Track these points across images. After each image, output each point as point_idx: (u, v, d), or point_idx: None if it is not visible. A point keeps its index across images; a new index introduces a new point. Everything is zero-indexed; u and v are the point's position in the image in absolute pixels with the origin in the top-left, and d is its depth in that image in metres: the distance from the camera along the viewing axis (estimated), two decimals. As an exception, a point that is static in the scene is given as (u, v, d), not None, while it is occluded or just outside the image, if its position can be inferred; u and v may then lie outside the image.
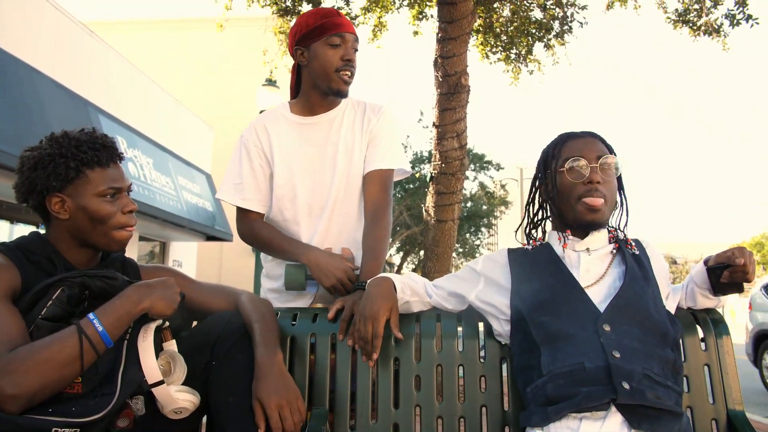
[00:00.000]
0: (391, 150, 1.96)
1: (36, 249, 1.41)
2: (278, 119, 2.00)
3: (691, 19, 6.31)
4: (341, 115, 1.98)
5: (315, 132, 1.96)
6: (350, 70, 1.88)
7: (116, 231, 1.45)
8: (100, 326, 1.24)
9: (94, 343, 1.23)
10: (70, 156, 1.40)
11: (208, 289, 1.64)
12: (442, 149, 5.31)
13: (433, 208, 5.38)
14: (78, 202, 1.41)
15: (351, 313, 1.61)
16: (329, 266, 1.75)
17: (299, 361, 1.62)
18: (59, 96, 7.47)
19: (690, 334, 1.60)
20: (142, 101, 10.33)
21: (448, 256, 5.47)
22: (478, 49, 7.28)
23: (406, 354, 1.62)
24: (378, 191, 1.92)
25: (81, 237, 1.44)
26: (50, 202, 1.40)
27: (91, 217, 1.41)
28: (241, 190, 1.97)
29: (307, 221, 1.94)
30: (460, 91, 5.28)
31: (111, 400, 1.24)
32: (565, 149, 1.56)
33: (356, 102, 2.03)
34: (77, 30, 8.48)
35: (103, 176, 1.43)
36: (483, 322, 1.66)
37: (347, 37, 1.87)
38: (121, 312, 1.28)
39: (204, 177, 12.24)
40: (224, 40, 10.85)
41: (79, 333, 1.22)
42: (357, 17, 6.90)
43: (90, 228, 1.42)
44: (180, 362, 1.40)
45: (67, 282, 1.32)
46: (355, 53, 1.91)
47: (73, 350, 1.20)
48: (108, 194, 1.43)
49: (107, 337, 1.25)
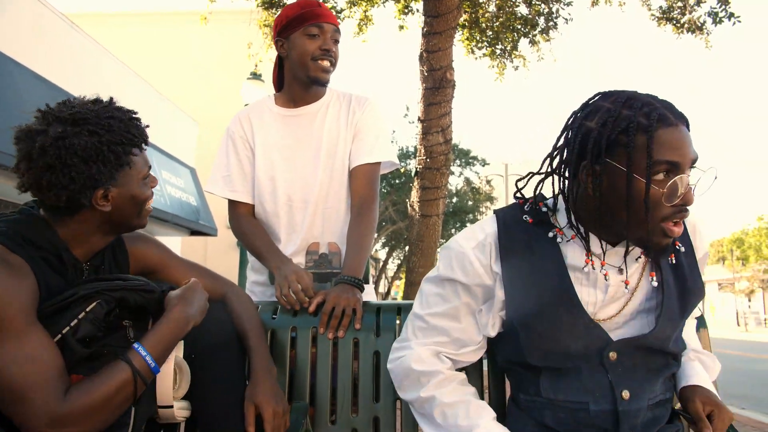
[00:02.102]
0: (377, 143, 1.94)
1: (43, 243, 1.21)
2: (263, 111, 1.99)
3: (674, 16, 6.37)
4: (325, 108, 1.96)
5: (298, 124, 1.94)
6: (328, 59, 1.86)
7: (146, 210, 1.36)
8: (153, 362, 1.17)
9: (145, 377, 1.16)
10: (120, 141, 1.25)
11: (192, 268, 1.56)
12: (427, 144, 5.32)
13: (417, 203, 5.38)
14: (126, 190, 1.27)
15: (332, 306, 1.60)
16: (288, 281, 1.65)
17: (279, 355, 1.60)
18: (39, 88, 7.36)
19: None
20: (125, 94, 10.20)
21: (433, 251, 5.48)
22: (464, 44, 7.29)
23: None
24: (364, 186, 1.90)
25: (120, 222, 1.31)
26: (96, 196, 1.23)
27: (136, 202, 1.31)
28: (229, 182, 1.96)
29: (287, 215, 1.92)
30: (445, 86, 5.28)
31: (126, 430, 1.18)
32: (657, 142, 1.08)
33: (341, 94, 2.01)
34: (58, 21, 8.36)
35: (143, 158, 1.33)
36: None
37: (326, 28, 1.86)
38: (170, 338, 1.21)
39: (188, 171, 12.13)
40: (209, 33, 10.76)
41: (134, 373, 1.14)
42: (343, 11, 6.88)
43: (134, 212, 1.32)
44: (186, 373, 1.34)
45: (105, 296, 1.19)
46: (336, 44, 1.89)
47: (128, 389, 1.13)
48: (146, 176, 1.34)
49: (156, 369, 1.18)
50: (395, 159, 2.01)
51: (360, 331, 1.61)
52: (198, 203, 11.90)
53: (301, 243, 1.90)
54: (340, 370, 1.59)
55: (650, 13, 6.62)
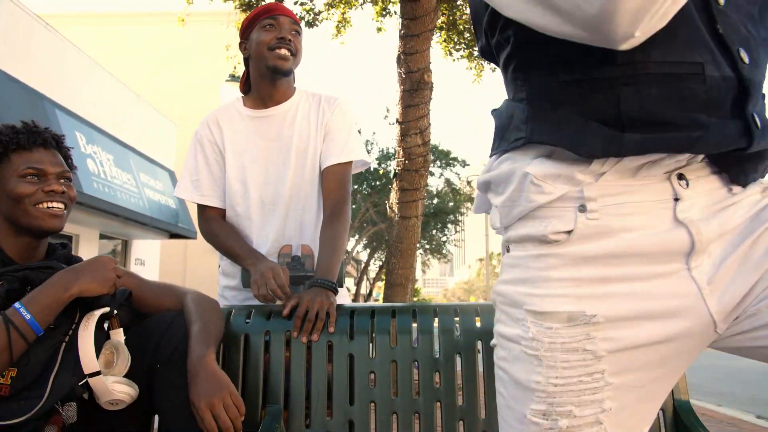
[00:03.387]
0: (348, 143, 1.94)
1: None
2: (231, 113, 1.98)
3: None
4: (295, 108, 1.96)
5: (267, 125, 1.94)
6: (285, 46, 1.86)
7: (34, 208, 1.39)
8: (28, 314, 1.21)
9: (23, 331, 1.20)
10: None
11: (156, 287, 1.59)
12: (406, 146, 5.34)
13: (397, 205, 5.40)
14: (3, 186, 1.39)
15: (306, 309, 1.60)
16: (265, 278, 1.65)
17: (253, 359, 1.60)
18: (13, 90, 7.25)
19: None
20: (102, 96, 10.09)
21: (413, 253, 5.50)
22: (441, 46, 7.33)
23: (362, 350, 1.62)
24: (336, 187, 1.91)
25: (12, 221, 1.40)
26: None
27: (10, 197, 1.38)
28: (198, 187, 1.95)
29: (259, 217, 1.92)
30: (423, 88, 5.31)
31: (37, 404, 1.20)
32: None
33: (311, 95, 2.01)
34: (32, 22, 8.24)
35: (24, 158, 1.41)
36: (438, 317, 1.67)
37: (281, 20, 1.89)
38: (49, 299, 1.25)
39: (167, 174, 12.04)
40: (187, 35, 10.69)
41: (6, 322, 1.19)
42: (320, 13, 6.88)
43: (13, 209, 1.39)
44: (124, 354, 1.36)
45: (7, 276, 1.29)
46: (296, 36, 1.90)
47: (0, 340, 1.17)
48: (29, 175, 1.40)
49: (36, 325, 1.22)
50: (366, 157, 2.01)
51: (334, 335, 1.61)
52: (177, 206, 11.80)
53: (272, 245, 1.89)
54: (314, 373, 1.59)
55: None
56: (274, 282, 1.63)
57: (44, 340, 1.27)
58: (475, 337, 1.64)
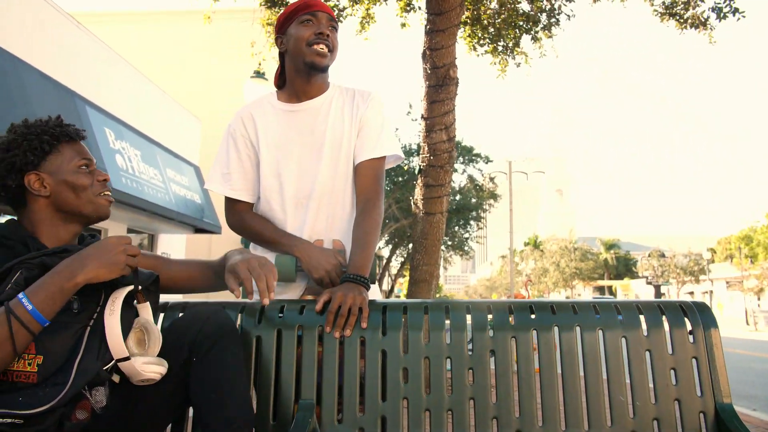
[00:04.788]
0: (381, 138, 1.94)
1: (10, 234, 1.39)
2: (264, 107, 1.99)
3: (678, 11, 6.33)
4: (329, 102, 1.96)
5: (301, 119, 1.94)
6: (323, 42, 1.87)
7: (98, 197, 1.49)
8: (30, 304, 1.20)
9: (25, 322, 1.18)
10: (41, 132, 1.45)
11: (178, 260, 1.69)
12: (431, 142, 5.31)
13: (421, 201, 5.38)
14: (57, 177, 1.44)
15: (339, 304, 1.61)
16: (320, 259, 1.76)
17: (286, 354, 1.61)
18: (45, 87, 7.37)
19: (678, 327, 1.61)
20: (130, 93, 10.22)
21: (437, 249, 5.48)
22: (466, 42, 7.27)
23: (394, 346, 1.61)
24: (369, 182, 1.91)
25: (67, 210, 1.45)
26: (29, 181, 1.42)
27: (72, 187, 1.44)
28: (228, 180, 1.96)
29: (293, 211, 1.92)
30: (449, 84, 5.27)
31: (61, 391, 1.21)
32: None
33: (344, 89, 2.01)
34: (63, 21, 8.37)
35: (75, 150, 1.49)
36: (470, 314, 1.67)
37: (319, 15, 1.89)
38: (53, 288, 1.23)
39: (192, 169, 12.15)
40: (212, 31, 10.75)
41: (7, 312, 1.18)
42: (345, 9, 6.87)
43: (74, 198, 1.45)
44: (154, 334, 1.38)
45: (25, 264, 1.30)
46: (333, 31, 1.90)
47: (1, 331, 1.16)
48: (83, 165, 1.48)
49: (39, 316, 1.20)
50: (400, 152, 2.00)
51: (366, 330, 1.62)
52: (202, 201, 11.91)
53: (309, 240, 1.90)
54: (347, 368, 1.59)
55: (653, 9, 6.59)
56: (333, 264, 1.75)
57: (69, 326, 1.29)
58: (508, 334, 1.63)
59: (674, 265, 47.02)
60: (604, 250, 65.91)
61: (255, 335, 1.63)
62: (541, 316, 1.66)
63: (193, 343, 1.41)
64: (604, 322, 1.64)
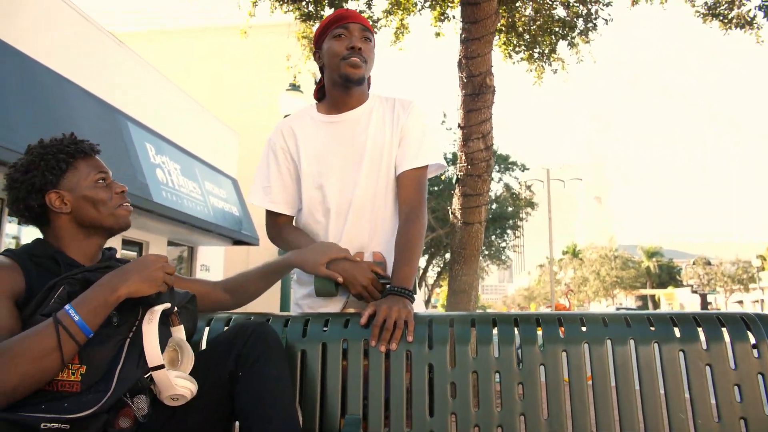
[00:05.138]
0: (423, 147, 1.91)
1: (39, 252, 1.44)
2: (304, 120, 1.99)
3: (722, 11, 6.17)
4: (369, 113, 1.94)
5: (342, 130, 1.93)
6: (357, 56, 1.86)
7: (118, 210, 1.53)
8: (77, 316, 1.24)
9: (72, 333, 1.22)
10: (57, 152, 1.49)
11: (198, 281, 1.74)
12: (468, 151, 5.26)
13: (459, 211, 5.33)
14: (77, 193, 1.48)
15: (384, 318, 1.58)
16: (356, 274, 1.72)
17: (332, 368, 1.59)
18: (88, 104, 7.59)
19: (740, 340, 1.53)
20: (169, 108, 10.45)
21: (476, 259, 5.41)
22: (501, 49, 7.22)
23: (441, 360, 1.58)
24: (411, 192, 1.88)
25: (89, 224, 1.50)
26: (50, 200, 1.47)
27: (92, 201, 1.49)
28: (269, 193, 1.97)
29: (335, 223, 1.91)
30: (485, 92, 5.22)
31: (104, 397, 1.24)
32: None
33: (384, 98, 2.00)
34: (105, 39, 8.62)
35: (91, 165, 1.53)
36: (518, 327, 1.62)
37: (351, 27, 1.87)
38: (97, 300, 1.27)
39: (230, 182, 12.33)
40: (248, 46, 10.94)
41: (56, 323, 1.22)
42: (379, 20, 6.89)
43: (95, 212, 1.49)
44: (187, 351, 1.42)
45: (68, 280, 1.35)
46: (366, 42, 1.88)
47: (50, 341, 1.20)
48: (99, 179, 1.52)
49: (85, 327, 1.24)
50: (442, 161, 1.97)
51: (412, 344, 1.58)
52: (240, 213, 12.07)
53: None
54: (393, 383, 1.56)
55: (695, 10, 6.43)
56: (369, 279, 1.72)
57: (110, 338, 1.32)
58: (559, 347, 1.58)
59: (721, 273, 45.62)
60: (646, 258, 64.42)
61: (300, 349, 1.61)
62: (593, 329, 1.61)
63: (238, 357, 1.41)
64: (660, 335, 1.57)
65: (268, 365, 1.41)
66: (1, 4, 6.54)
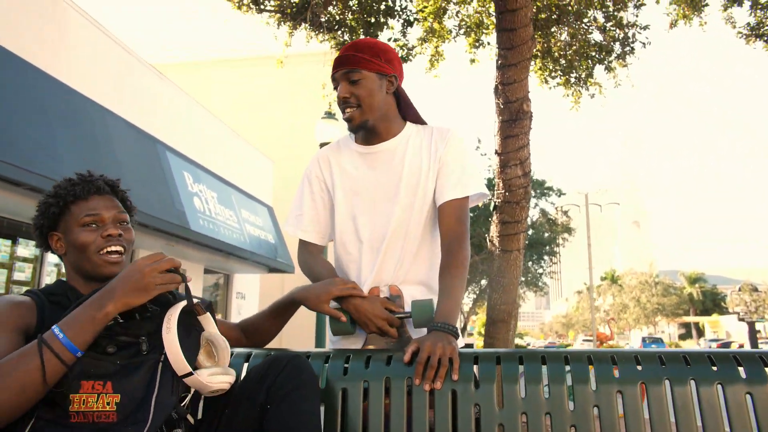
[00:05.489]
0: (464, 176, 1.85)
1: (56, 290, 1.46)
2: (341, 150, 1.98)
3: (765, 32, 6.02)
4: (405, 143, 1.90)
5: (378, 160, 1.90)
6: (347, 106, 1.83)
7: (97, 256, 1.44)
8: (62, 334, 1.22)
9: (57, 351, 1.20)
10: (55, 194, 1.50)
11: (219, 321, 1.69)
12: (505, 177, 5.19)
13: (497, 238, 5.24)
14: (68, 237, 1.47)
15: (428, 355, 1.52)
16: (368, 312, 1.69)
17: (374, 406, 1.53)
18: (129, 134, 7.77)
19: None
20: (206, 137, 10.65)
21: (515, 287, 5.30)
22: (537, 75, 7.16)
23: (488, 400, 1.51)
24: (453, 223, 1.81)
25: (79, 270, 1.48)
26: (52, 242, 1.50)
27: (75, 246, 1.45)
28: (300, 221, 1.97)
29: (368, 255, 1.87)
30: (523, 118, 5.16)
31: (143, 427, 1.23)
32: None
33: (421, 127, 1.95)
34: (147, 71, 8.86)
35: (82, 208, 1.48)
36: (569, 365, 1.54)
37: (337, 77, 1.84)
38: (83, 319, 1.25)
39: (266, 209, 12.45)
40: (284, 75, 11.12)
41: (39, 343, 1.21)
42: (414, 48, 6.92)
43: (80, 258, 1.45)
44: (221, 344, 1.43)
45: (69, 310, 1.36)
46: (354, 85, 1.81)
47: (33, 360, 1.18)
48: (87, 223, 1.46)
49: (71, 345, 1.21)
50: (484, 189, 1.90)
51: (458, 382, 1.52)
52: (276, 241, 12.14)
53: (374, 282, 1.84)
54: (438, 422, 1.49)
55: (737, 31, 6.29)
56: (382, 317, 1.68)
57: (142, 365, 1.31)
58: (613, 387, 1.49)
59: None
60: (688, 284, 62.60)
61: (341, 387, 1.56)
62: (649, 368, 1.52)
63: (269, 389, 1.38)
64: (724, 375, 1.47)
65: (298, 400, 1.37)
66: (51, 42, 6.79)
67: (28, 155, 5.60)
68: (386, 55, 1.84)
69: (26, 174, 5.49)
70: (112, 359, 1.28)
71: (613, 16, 6.60)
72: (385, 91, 1.85)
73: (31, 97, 6.00)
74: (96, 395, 1.24)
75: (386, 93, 1.85)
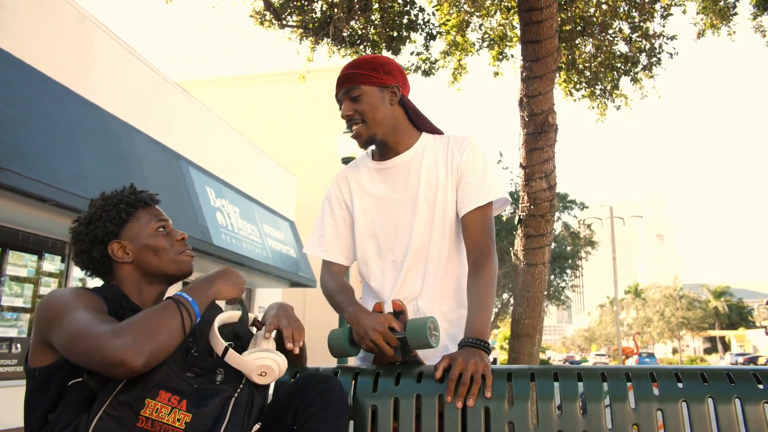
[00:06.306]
0: (485, 184, 1.80)
1: (110, 295, 1.47)
2: (359, 168, 1.97)
3: (796, 42, 5.91)
4: (420, 154, 1.86)
5: (393, 175, 1.87)
6: (352, 125, 1.83)
7: (180, 256, 1.55)
8: (190, 298, 1.36)
9: (189, 312, 1.33)
10: (117, 202, 1.54)
11: None
12: (530, 191, 5.13)
13: (522, 252, 5.17)
14: (138, 242, 1.52)
15: (459, 371, 1.48)
16: (366, 328, 1.61)
17: (404, 424, 1.49)
18: (154, 151, 7.87)
19: None
20: (229, 153, 10.74)
21: (540, 301, 5.22)
22: (561, 87, 7.10)
23: (522, 418, 1.46)
24: (478, 234, 1.77)
25: (151, 272, 1.53)
26: (113, 250, 1.51)
27: (153, 249, 1.52)
28: (322, 242, 1.97)
29: (391, 272, 1.84)
30: (548, 131, 5.11)
31: None
32: None
33: (437, 137, 1.92)
34: (171, 89, 8.98)
35: (151, 214, 1.57)
36: (606, 382, 1.49)
37: (339, 96, 1.85)
38: (202, 291, 1.39)
39: (288, 224, 12.49)
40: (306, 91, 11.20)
41: (176, 302, 1.33)
42: (437, 61, 6.92)
43: (157, 260, 1.52)
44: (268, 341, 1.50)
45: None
46: (354, 101, 1.81)
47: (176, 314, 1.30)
48: (160, 228, 1.56)
49: (197, 310, 1.35)
50: (506, 195, 1.85)
51: (491, 400, 1.48)
52: (297, 255, 12.16)
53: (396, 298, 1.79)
54: (470, 442, 1.45)
55: (766, 40, 6.19)
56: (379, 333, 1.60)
57: (217, 393, 1.33)
58: (653, 405, 1.44)
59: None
60: (714, 298, 61.38)
61: (370, 404, 1.53)
62: (690, 385, 1.46)
63: (296, 410, 1.36)
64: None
65: (324, 422, 1.34)
66: (79, 61, 6.91)
67: (55, 172, 5.69)
68: (385, 68, 1.83)
69: (53, 190, 5.57)
70: (190, 380, 1.33)
71: (639, 27, 6.54)
72: (389, 102, 1.83)
73: (58, 115, 6.10)
74: (170, 408, 1.25)
75: (391, 104, 1.83)
